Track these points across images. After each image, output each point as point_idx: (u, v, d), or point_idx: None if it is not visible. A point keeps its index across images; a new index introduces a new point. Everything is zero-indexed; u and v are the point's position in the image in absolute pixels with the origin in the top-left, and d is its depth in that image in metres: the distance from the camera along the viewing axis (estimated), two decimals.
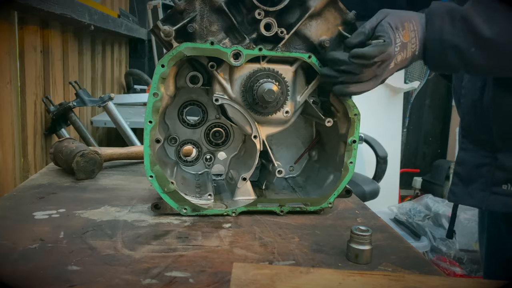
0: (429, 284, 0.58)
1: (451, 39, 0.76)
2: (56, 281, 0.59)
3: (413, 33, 0.78)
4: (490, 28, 0.74)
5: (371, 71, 0.78)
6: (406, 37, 0.78)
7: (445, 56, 0.77)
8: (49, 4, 1.39)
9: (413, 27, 0.78)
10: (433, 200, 3.15)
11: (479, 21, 0.74)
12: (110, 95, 1.97)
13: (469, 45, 0.75)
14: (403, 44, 0.78)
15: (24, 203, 0.88)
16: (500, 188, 0.90)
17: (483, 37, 0.74)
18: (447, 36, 0.76)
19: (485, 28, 0.74)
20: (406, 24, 0.78)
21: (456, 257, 2.79)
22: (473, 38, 0.75)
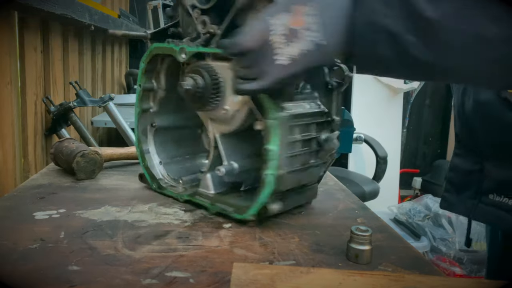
0: (429, 284, 0.58)
1: (383, 21, 0.56)
2: (56, 281, 0.59)
3: (311, 18, 0.59)
4: (436, 8, 0.53)
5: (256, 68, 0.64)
6: (297, 23, 0.59)
7: (374, 45, 0.57)
8: (49, 4, 1.40)
9: (312, 11, 0.59)
10: (433, 200, 3.15)
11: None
12: (111, 95, 1.98)
13: (406, 30, 0.55)
14: (291, 31, 0.60)
15: (24, 203, 0.89)
16: (487, 198, 0.85)
17: (425, 19, 0.54)
18: (377, 17, 0.56)
19: (429, 8, 0.53)
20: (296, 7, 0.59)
21: (456, 257, 2.79)
22: (412, 20, 0.55)
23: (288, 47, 0.60)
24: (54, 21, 1.74)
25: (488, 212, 0.84)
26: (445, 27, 0.53)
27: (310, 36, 0.59)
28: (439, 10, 0.53)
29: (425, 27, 0.54)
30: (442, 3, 0.53)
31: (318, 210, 0.94)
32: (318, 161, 0.84)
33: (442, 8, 0.53)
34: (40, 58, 1.66)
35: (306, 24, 0.59)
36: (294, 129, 0.78)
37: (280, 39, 0.60)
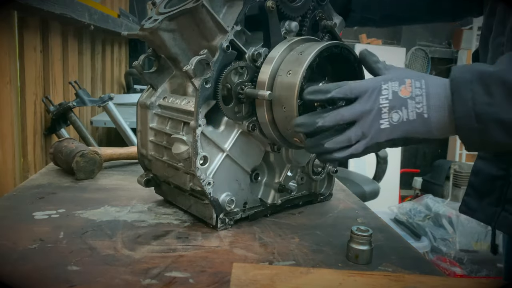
0: (429, 284, 0.58)
1: (491, 112, 0.57)
2: (55, 281, 0.59)
3: (418, 90, 0.62)
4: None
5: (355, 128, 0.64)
6: (405, 92, 0.62)
7: (486, 134, 0.58)
8: (49, 4, 1.39)
9: (420, 85, 0.62)
10: (433, 200, 3.15)
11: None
12: (110, 95, 1.97)
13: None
14: (398, 99, 0.62)
15: (24, 203, 0.88)
16: (511, 206, 0.79)
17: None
18: (483, 108, 0.57)
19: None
20: (408, 80, 0.63)
21: (456, 257, 2.79)
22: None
23: (393, 113, 0.62)
24: (54, 20, 1.74)
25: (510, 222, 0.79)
26: None
27: (415, 106, 0.62)
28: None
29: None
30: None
31: (318, 210, 0.94)
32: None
33: None
34: (40, 57, 1.65)
35: (413, 94, 0.62)
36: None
37: (387, 103, 0.63)
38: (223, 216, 0.81)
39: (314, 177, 0.95)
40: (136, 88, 3.10)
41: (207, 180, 0.77)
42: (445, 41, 4.69)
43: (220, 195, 0.80)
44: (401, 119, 0.62)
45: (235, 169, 0.82)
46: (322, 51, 0.73)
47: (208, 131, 0.77)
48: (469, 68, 0.60)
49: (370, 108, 0.63)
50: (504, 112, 0.56)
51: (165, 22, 0.79)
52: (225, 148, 0.80)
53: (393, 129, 0.63)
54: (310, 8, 0.83)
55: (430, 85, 0.62)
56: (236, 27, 0.76)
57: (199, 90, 0.74)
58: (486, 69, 0.59)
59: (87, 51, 2.30)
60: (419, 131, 0.63)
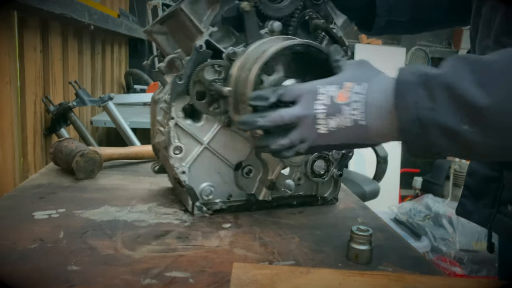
0: (429, 284, 0.58)
1: (433, 116, 0.55)
2: (55, 281, 0.59)
3: (357, 96, 0.60)
4: (487, 94, 0.52)
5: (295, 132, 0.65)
6: (342, 97, 0.60)
7: (428, 139, 0.57)
8: (49, 4, 1.39)
9: (359, 90, 0.60)
10: (433, 200, 3.15)
11: (469, 86, 0.53)
12: (110, 95, 1.97)
13: (459, 121, 0.54)
14: (334, 105, 0.61)
15: (24, 203, 0.88)
16: (505, 208, 0.76)
17: (478, 107, 0.52)
18: (426, 113, 0.55)
19: (480, 95, 0.52)
20: (347, 84, 0.61)
21: (456, 257, 2.79)
22: (464, 111, 0.54)
23: (328, 119, 0.61)
24: (54, 20, 1.74)
25: (506, 224, 0.76)
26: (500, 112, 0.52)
27: (350, 113, 0.60)
28: (491, 96, 0.52)
29: (479, 115, 0.53)
30: (492, 87, 0.52)
31: (318, 210, 0.94)
32: None
33: (493, 93, 0.52)
34: (40, 57, 1.65)
35: (350, 100, 0.60)
36: None
37: (323, 109, 0.62)
38: (200, 204, 0.86)
39: (315, 179, 0.93)
40: (136, 88, 3.10)
41: (181, 169, 0.83)
42: (445, 41, 4.69)
43: (200, 184, 0.86)
44: (338, 125, 0.61)
45: (217, 162, 0.87)
46: (282, 50, 0.73)
47: (186, 124, 0.84)
48: (414, 70, 0.58)
49: (306, 113, 0.63)
50: (446, 117, 0.54)
51: (157, 25, 0.86)
52: (203, 141, 0.85)
53: (331, 135, 0.62)
54: (299, 8, 0.84)
55: (372, 90, 0.60)
56: (212, 28, 0.80)
57: (172, 85, 0.81)
58: (430, 72, 0.57)
59: (87, 51, 2.30)
60: (358, 138, 0.62)
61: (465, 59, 0.56)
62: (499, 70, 0.53)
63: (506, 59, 0.54)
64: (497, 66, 0.54)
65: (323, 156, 0.93)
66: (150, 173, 1.14)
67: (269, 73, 0.75)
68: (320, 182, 0.95)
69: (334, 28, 0.87)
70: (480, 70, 0.54)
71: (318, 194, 0.96)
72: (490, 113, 0.52)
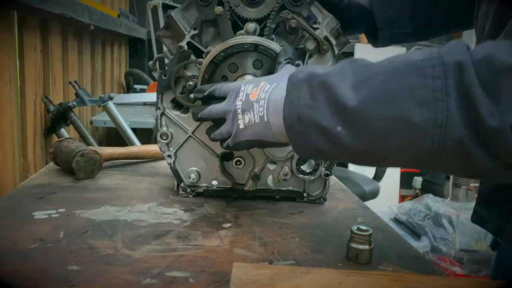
0: (429, 284, 0.58)
1: (311, 114, 0.55)
2: (55, 281, 0.59)
3: (263, 94, 0.63)
4: (356, 96, 0.52)
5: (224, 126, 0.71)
6: (254, 95, 0.64)
7: (307, 138, 0.56)
8: (49, 4, 1.39)
9: (268, 88, 0.63)
10: (433, 200, 3.15)
11: (345, 87, 0.53)
12: (110, 95, 1.97)
13: (334, 122, 0.53)
14: (248, 102, 0.65)
15: (24, 203, 0.88)
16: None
17: (348, 108, 0.52)
18: (305, 110, 0.55)
19: (351, 96, 0.52)
20: (262, 83, 0.65)
21: (456, 257, 2.79)
22: (337, 112, 0.53)
23: (244, 115, 0.66)
24: (54, 20, 1.74)
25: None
26: (366, 114, 0.51)
27: (258, 109, 0.63)
28: (359, 98, 0.52)
29: (349, 117, 0.52)
30: (363, 88, 0.52)
31: (318, 210, 0.94)
32: None
33: (362, 95, 0.52)
34: (40, 57, 1.65)
35: (258, 98, 0.64)
36: None
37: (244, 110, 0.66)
38: (185, 185, 0.97)
39: (300, 176, 0.96)
40: (136, 88, 3.11)
41: (167, 153, 0.95)
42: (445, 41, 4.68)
43: (187, 168, 0.97)
44: (250, 121, 0.65)
45: (202, 150, 0.96)
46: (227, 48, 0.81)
47: (174, 114, 0.95)
48: (305, 69, 0.59)
49: (229, 109, 0.69)
50: (322, 117, 0.54)
51: (163, 30, 0.95)
52: (188, 130, 0.95)
53: (246, 130, 0.66)
54: (274, 9, 0.87)
55: (275, 88, 0.63)
56: (193, 31, 0.88)
57: (158, 80, 0.92)
58: (316, 71, 0.57)
59: (87, 51, 2.30)
60: (265, 135, 0.64)
61: (354, 61, 0.56)
62: (373, 73, 0.53)
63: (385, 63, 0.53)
64: (373, 69, 0.53)
65: None
66: (150, 173, 1.14)
67: (233, 70, 0.83)
68: (307, 180, 0.96)
69: (319, 28, 0.89)
70: (360, 73, 0.54)
71: (306, 192, 0.98)
72: (357, 115, 0.52)
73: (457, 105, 0.47)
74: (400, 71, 0.51)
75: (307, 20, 0.88)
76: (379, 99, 0.51)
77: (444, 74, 0.47)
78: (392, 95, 0.50)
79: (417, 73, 0.49)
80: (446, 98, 0.47)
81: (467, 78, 0.46)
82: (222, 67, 0.83)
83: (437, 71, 0.48)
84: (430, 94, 0.48)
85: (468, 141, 0.47)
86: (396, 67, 0.51)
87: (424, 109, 0.48)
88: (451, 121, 0.47)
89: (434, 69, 0.48)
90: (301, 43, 0.88)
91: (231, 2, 0.87)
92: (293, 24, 0.87)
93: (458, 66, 0.47)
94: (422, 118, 0.48)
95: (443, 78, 0.47)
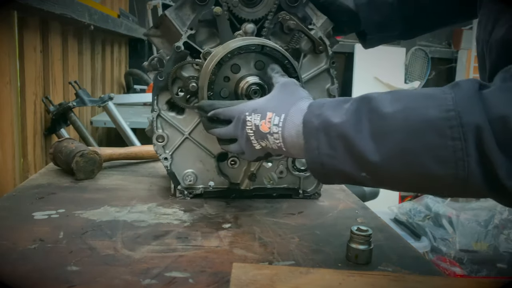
0: (429, 284, 0.58)
1: (333, 164, 0.59)
2: (55, 281, 0.59)
3: (275, 128, 0.66)
4: (377, 150, 0.55)
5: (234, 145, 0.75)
6: (265, 127, 0.67)
7: (332, 179, 0.62)
8: (49, 4, 1.39)
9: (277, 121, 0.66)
10: (433, 201, 3.15)
11: (363, 138, 0.55)
12: (110, 95, 1.97)
13: (357, 170, 0.57)
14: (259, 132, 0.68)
15: (24, 203, 0.88)
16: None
17: (370, 162, 0.55)
18: (327, 160, 0.59)
19: (371, 150, 0.55)
20: (269, 114, 0.67)
21: (456, 257, 2.79)
22: (359, 163, 0.57)
23: (259, 140, 0.70)
24: (54, 20, 1.74)
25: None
26: (389, 169, 0.55)
27: (273, 141, 0.67)
28: (380, 154, 0.55)
29: (373, 168, 0.56)
30: (383, 144, 0.55)
31: (318, 210, 0.94)
32: None
33: (383, 152, 0.54)
34: (40, 57, 1.65)
35: (271, 131, 0.67)
36: None
37: (252, 133, 0.70)
38: (182, 188, 0.95)
39: (296, 173, 0.97)
40: (136, 88, 3.10)
41: (164, 155, 0.94)
42: (445, 41, 4.69)
43: (183, 170, 0.95)
44: (268, 146, 0.69)
45: (199, 151, 0.95)
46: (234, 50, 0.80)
47: (169, 116, 0.93)
48: (318, 113, 0.61)
49: (240, 134, 0.72)
50: (345, 165, 0.58)
51: (153, 29, 0.94)
52: (185, 132, 0.94)
53: (265, 149, 0.71)
54: (272, 10, 0.88)
55: (286, 125, 0.65)
56: (189, 31, 0.88)
57: (154, 81, 0.90)
58: (330, 120, 0.59)
59: (87, 51, 2.30)
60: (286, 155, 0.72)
61: (368, 105, 0.57)
62: (390, 128, 0.54)
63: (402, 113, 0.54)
64: (392, 120, 0.55)
65: None
66: (150, 173, 1.14)
67: (236, 71, 0.83)
68: (302, 176, 0.98)
69: (313, 29, 0.90)
70: (376, 122, 0.56)
71: (301, 188, 0.99)
72: (380, 169, 0.55)
73: (477, 164, 0.50)
74: (419, 131, 0.53)
75: (302, 21, 0.89)
76: (401, 157, 0.54)
77: (464, 135, 0.50)
78: (413, 154, 0.53)
79: (436, 133, 0.52)
80: (467, 158, 0.50)
81: (485, 141, 0.49)
82: (224, 68, 0.82)
83: (456, 132, 0.50)
84: (451, 154, 0.51)
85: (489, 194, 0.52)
86: (414, 126, 0.53)
87: (445, 167, 0.52)
88: (472, 177, 0.51)
89: (453, 129, 0.50)
90: (298, 43, 0.89)
91: (229, 2, 0.86)
92: (292, 25, 0.87)
93: (477, 129, 0.49)
94: (444, 174, 0.52)
95: (462, 139, 0.50)
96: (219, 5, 0.86)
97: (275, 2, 0.87)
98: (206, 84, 0.81)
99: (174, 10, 0.89)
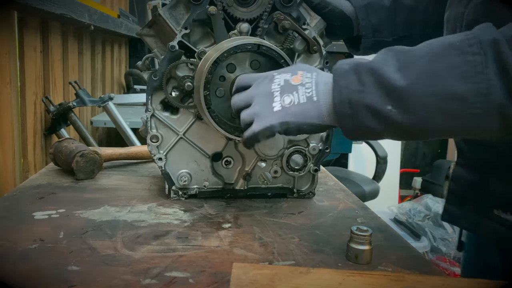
0: (429, 284, 0.58)
1: (360, 98, 0.60)
2: (55, 281, 0.59)
3: (308, 79, 0.67)
4: (403, 77, 0.58)
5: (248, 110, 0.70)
6: (297, 80, 0.67)
7: (359, 119, 0.62)
8: (49, 4, 1.39)
9: (309, 75, 0.67)
10: (433, 200, 3.15)
11: (391, 70, 0.59)
12: (110, 95, 1.97)
13: (383, 102, 0.59)
14: (289, 85, 0.67)
15: (24, 203, 0.88)
16: (492, 213, 0.75)
17: (397, 88, 0.58)
18: (355, 95, 0.61)
19: (398, 77, 0.58)
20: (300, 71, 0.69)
21: (456, 257, 2.79)
22: (386, 92, 0.59)
23: (285, 96, 0.67)
24: (54, 21, 1.74)
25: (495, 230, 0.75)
26: (415, 92, 0.58)
27: (304, 91, 0.66)
28: (407, 78, 0.58)
29: (399, 96, 0.59)
30: (409, 70, 0.59)
31: (318, 210, 0.94)
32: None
33: (409, 75, 0.58)
34: (40, 58, 1.65)
35: (303, 82, 0.67)
36: None
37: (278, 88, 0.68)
38: (176, 188, 0.95)
39: (290, 173, 0.98)
40: (136, 88, 3.11)
41: (158, 156, 0.93)
42: None
43: (178, 170, 0.94)
44: (293, 102, 0.66)
45: (193, 151, 0.95)
46: (230, 49, 0.80)
47: (164, 116, 0.93)
48: (349, 61, 0.64)
49: (261, 91, 0.69)
50: (372, 98, 0.60)
51: (146, 28, 0.93)
52: (179, 132, 0.94)
53: (286, 112, 0.66)
54: (267, 10, 0.88)
55: (319, 76, 0.68)
56: (184, 30, 0.87)
57: (148, 81, 0.90)
58: (361, 61, 0.63)
59: (87, 51, 2.30)
60: (311, 114, 0.66)
61: (393, 49, 0.62)
62: (416, 56, 0.59)
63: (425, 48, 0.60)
64: (416, 52, 0.60)
65: (299, 151, 0.97)
66: (150, 173, 1.14)
67: (231, 70, 0.83)
68: (296, 176, 0.99)
69: (307, 29, 0.91)
70: (402, 57, 0.60)
71: (295, 188, 1.00)
72: (406, 94, 0.58)
73: (496, 76, 0.54)
74: (442, 53, 0.58)
75: (296, 21, 0.89)
76: (425, 78, 0.58)
77: (483, 50, 0.55)
78: (437, 74, 0.57)
79: (457, 52, 0.57)
80: (486, 70, 0.54)
81: (503, 52, 0.54)
82: (219, 68, 0.82)
83: (475, 48, 0.55)
84: (472, 68, 0.55)
85: (509, 106, 0.55)
86: (437, 49, 0.59)
87: (467, 82, 0.55)
88: (493, 90, 0.54)
89: (473, 47, 0.55)
90: (292, 43, 0.90)
91: (224, 1, 0.87)
92: (287, 25, 0.88)
93: (494, 43, 0.55)
94: (466, 89, 0.55)
95: (482, 53, 0.55)
96: (214, 5, 0.86)
97: (270, 2, 0.88)
98: (202, 83, 0.81)
99: (168, 9, 0.89)
